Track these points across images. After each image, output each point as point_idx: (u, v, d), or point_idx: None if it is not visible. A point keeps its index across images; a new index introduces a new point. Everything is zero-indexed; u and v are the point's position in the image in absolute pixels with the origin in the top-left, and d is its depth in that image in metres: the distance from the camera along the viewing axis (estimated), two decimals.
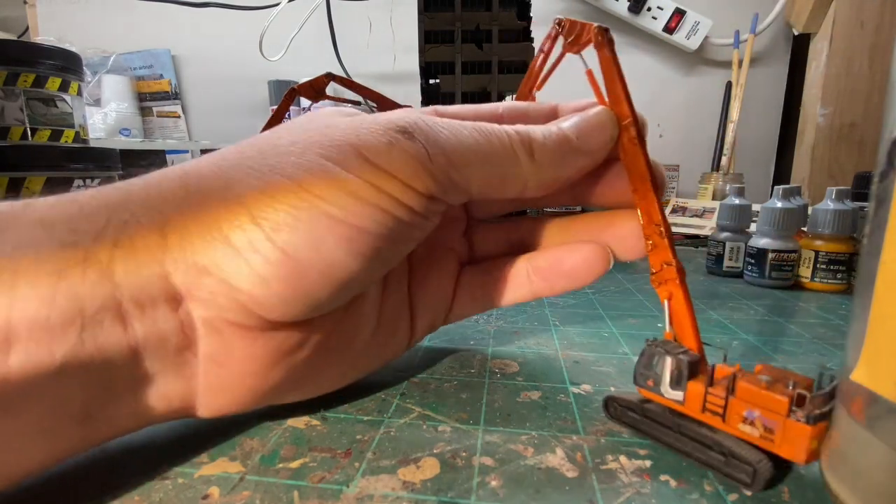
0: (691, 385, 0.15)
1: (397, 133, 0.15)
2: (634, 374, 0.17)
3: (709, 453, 0.15)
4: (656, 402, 0.17)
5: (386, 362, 0.22)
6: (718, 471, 0.15)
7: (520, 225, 0.23)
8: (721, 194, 0.85)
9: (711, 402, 0.15)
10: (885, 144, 0.12)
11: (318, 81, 0.33)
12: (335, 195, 0.14)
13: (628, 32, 0.99)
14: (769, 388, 0.14)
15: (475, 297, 0.22)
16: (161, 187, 0.15)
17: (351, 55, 1.02)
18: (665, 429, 0.16)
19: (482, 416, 0.19)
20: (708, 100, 1.01)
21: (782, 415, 0.14)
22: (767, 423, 0.14)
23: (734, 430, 0.15)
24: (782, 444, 0.14)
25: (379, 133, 0.15)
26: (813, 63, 0.83)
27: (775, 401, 0.14)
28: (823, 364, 0.15)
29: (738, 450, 0.14)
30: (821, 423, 0.13)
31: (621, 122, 0.19)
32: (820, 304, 0.36)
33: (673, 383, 0.16)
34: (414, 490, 0.15)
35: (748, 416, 0.14)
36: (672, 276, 0.17)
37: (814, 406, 0.13)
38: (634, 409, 0.17)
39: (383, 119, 0.16)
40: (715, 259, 0.45)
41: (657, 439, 0.17)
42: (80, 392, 0.13)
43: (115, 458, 0.16)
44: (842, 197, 0.39)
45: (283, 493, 0.15)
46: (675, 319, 0.17)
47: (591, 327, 0.30)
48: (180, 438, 0.17)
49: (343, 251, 0.15)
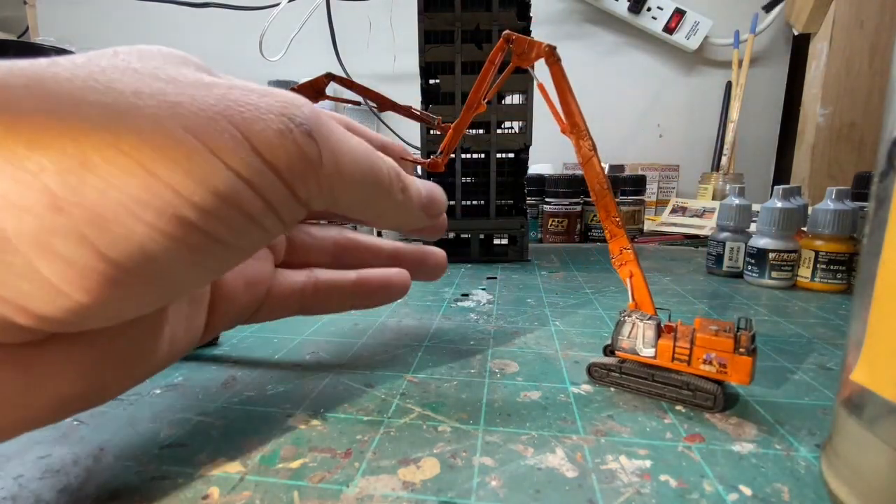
0: (661, 342, 0.20)
1: (293, 125, 0.13)
2: (613, 342, 0.21)
3: (680, 391, 0.20)
4: (633, 360, 0.20)
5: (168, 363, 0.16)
6: (687, 402, 0.19)
7: (345, 238, 0.24)
8: (721, 194, 0.85)
9: (679, 353, 0.19)
10: (885, 144, 0.12)
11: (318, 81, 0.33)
12: (191, 186, 0.11)
13: (628, 32, 0.99)
14: (717, 335, 0.19)
15: (288, 302, 0.21)
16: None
17: (351, 55, 1.02)
18: (642, 380, 0.20)
19: (482, 416, 0.19)
20: (708, 100, 1.01)
21: (730, 352, 0.18)
22: (721, 360, 0.18)
23: (696, 371, 0.19)
24: (733, 374, 0.18)
25: (272, 118, 0.12)
26: (813, 63, 0.83)
27: (725, 343, 0.18)
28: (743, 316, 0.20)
29: (701, 384, 0.19)
30: (753, 354, 0.18)
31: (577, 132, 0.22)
32: (820, 304, 0.36)
33: (646, 343, 0.20)
34: (414, 490, 0.15)
35: (707, 358, 0.19)
36: (630, 258, 0.21)
37: (748, 343, 0.18)
38: (614, 369, 0.21)
39: (273, 100, 0.13)
40: (715, 259, 0.45)
41: (637, 390, 0.21)
42: None
43: (114, 457, 0.16)
44: (842, 197, 0.39)
45: (283, 493, 0.15)
46: (637, 292, 0.21)
47: (591, 327, 0.30)
48: (180, 438, 0.17)
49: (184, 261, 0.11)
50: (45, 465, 0.16)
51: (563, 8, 1.00)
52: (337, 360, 0.25)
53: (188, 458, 0.16)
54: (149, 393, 0.21)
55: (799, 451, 0.17)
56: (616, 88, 1.03)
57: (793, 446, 0.17)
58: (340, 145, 0.14)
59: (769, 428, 0.18)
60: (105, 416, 0.19)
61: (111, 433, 0.18)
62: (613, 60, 1.02)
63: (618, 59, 1.02)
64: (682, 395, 0.20)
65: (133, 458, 0.16)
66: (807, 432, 0.18)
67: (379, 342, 0.27)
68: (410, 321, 0.31)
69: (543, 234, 0.72)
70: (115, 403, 0.20)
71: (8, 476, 0.15)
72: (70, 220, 0.10)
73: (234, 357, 0.25)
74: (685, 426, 0.18)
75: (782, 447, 0.17)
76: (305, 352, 0.26)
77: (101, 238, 0.10)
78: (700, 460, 0.16)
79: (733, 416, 0.19)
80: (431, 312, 0.33)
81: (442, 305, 0.35)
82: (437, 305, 0.35)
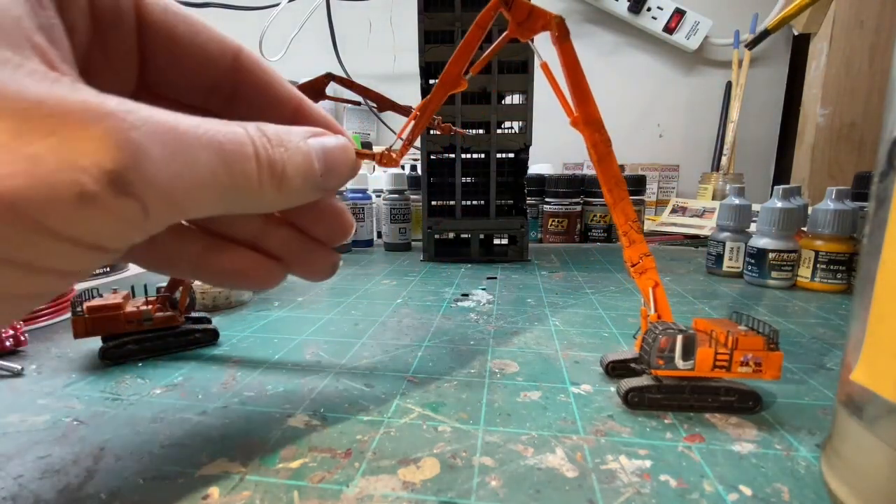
0: (701, 351, 0.19)
1: (102, 184, 0.10)
2: (648, 361, 0.19)
3: (718, 398, 0.19)
4: (671, 375, 0.19)
5: None
6: (728, 409, 0.19)
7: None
8: (721, 194, 0.85)
9: (720, 360, 0.19)
10: (885, 144, 0.12)
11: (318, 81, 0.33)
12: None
13: (628, 32, 0.99)
14: (746, 335, 0.19)
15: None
16: None
17: (351, 55, 1.02)
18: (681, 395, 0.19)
19: (482, 416, 0.19)
20: (708, 100, 1.01)
21: (764, 350, 0.18)
22: (757, 359, 0.18)
23: (735, 374, 0.18)
24: (767, 371, 0.18)
25: (64, 178, 0.09)
26: (813, 63, 0.83)
27: (759, 342, 0.18)
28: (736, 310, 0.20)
29: (738, 387, 0.19)
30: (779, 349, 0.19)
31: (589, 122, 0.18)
32: (820, 304, 0.36)
33: (685, 356, 0.19)
34: (414, 490, 0.15)
35: (744, 360, 0.18)
36: (651, 265, 0.20)
37: (774, 338, 0.19)
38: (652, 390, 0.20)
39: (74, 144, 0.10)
40: (715, 259, 0.45)
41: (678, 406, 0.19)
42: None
43: (114, 458, 0.16)
44: (842, 197, 0.39)
45: (283, 493, 0.15)
46: (659, 303, 0.20)
47: (591, 327, 0.30)
48: (180, 438, 0.17)
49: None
50: (45, 465, 0.16)
51: (563, 8, 1.00)
52: (337, 360, 0.25)
53: (188, 458, 0.16)
54: (149, 393, 0.21)
55: (799, 451, 0.17)
56: (616, 88, 1.03)
57: (793, 446, 0.17)
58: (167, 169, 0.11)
59: (769, 428, 0.18)
60: (105, 416, 0.19)
61: (111, 433, 0.18)
62: (613, 60, 1.02)
63: (618, 59, 1.02)
64: (723, 402, 0.19)
65: (133, 458, 0.16)
66: (807, 432, 0.18)
67: (379, 342, 0.27)
68: (410, 321, 0.31)
69: (543, 234, 0.72)
70: (116, 403, 0.20)
71: (8, 476, 0.15)
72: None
73: (234, 357, 0.25)
74: (685, 426, 0.18)
75: (782, 447, 0.17)
76: (305, 352, 0.26)
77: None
78: (700, 460, 0.16)
79: (733, 416, 0.19)
80: (431, 312, 0.33)
81: (442, 305, 0.35)
82: (437, 305, 0.35)
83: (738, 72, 0.90)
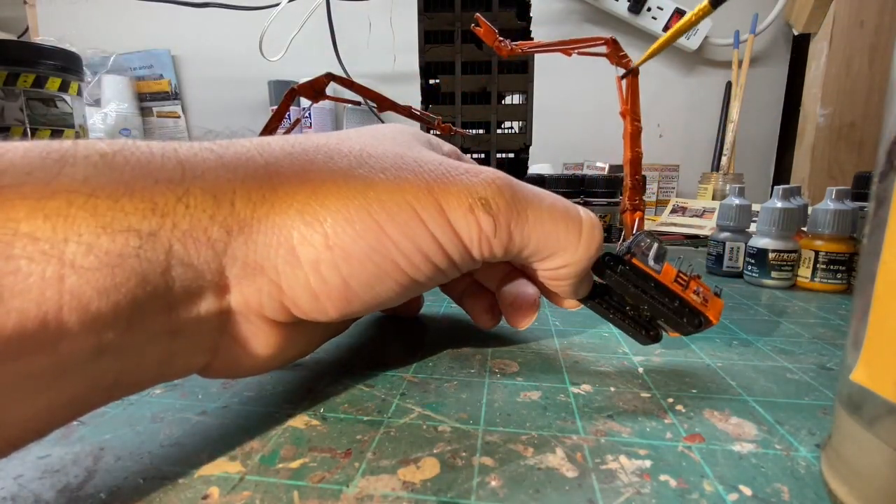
0: (668, 265, 0.22)
1: (478, 200, 0.17)
2: (630, 246, 0.22)
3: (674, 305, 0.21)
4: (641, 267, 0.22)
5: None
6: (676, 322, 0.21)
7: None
8: (721, 194, 0.85)
9: (681, 278, 0.22)
10: (885, 144, 0.12)
11: (318, 81, 0.33)
12: (406, 244, 0.16)
13: (628, 32, 0.99)
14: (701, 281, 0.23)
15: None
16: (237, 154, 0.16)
17: (351, 55, 1.02)
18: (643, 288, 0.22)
19: (482, 416, 0.19)
20: (708, 100, 1.01)
21: (710, 292, 0.22)
22: (705, 296, 0.22)
23: (688, 297, 0.21)
24: (710, 309, 0.21)
25: (463, 196, 0.17)
26: (813, 63, 0.83)
27: (708, 288, 0.23)
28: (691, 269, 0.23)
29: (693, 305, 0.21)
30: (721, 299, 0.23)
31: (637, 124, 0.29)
32: (820, 304, 0.36)
33: (657, 259, 0.22)
34: (414, 490, 0.15)
35: (696, 290, 0.22)
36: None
37: (719, 292, 0.23)
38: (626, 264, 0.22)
39: (469, 178, 0.17)
40: (715, 259, 0.45)
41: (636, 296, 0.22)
42: (115, 368, 0.13)
43: (114, 458, 0.16)
44: (842, 197, 0.39)
45: (283, 493, 0.15)
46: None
47: (591, 327, 0.30)
48: (180, 438, 0.17)
49: (394, 294, 0.17)
50: (45, 465, 0.16)
51: (563, 8, 1.00)
52: (337, 360, 0.25)
53: (188, 458, 0.16)
54: (149, 393, 0.21)
55: (799, 451, 0.17)
56: (616, 88, 1.03)
57: (793, 446, 0.17)
58: (522, 211, 0.18)
59: (769, 428, 0.18)
60: (105, 416, 0.19)
61: (111, 433, 0.18)
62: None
63: None
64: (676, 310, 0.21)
65: (133, 458, 0.16)
66: (807, 432, 0.18)
67: (379, 342, 0.27)
68: (410, 321, 0.31)
69: None
70: (115, 403, 0.20)
71: (8, 476, 0.15)
72: (332, 255, 0.15)
73: None
74: (685, 426, 0.18)
75: (782, 447, 0.17)
76: None
77: (347, 269, 0.15)
78: (700, 460, 0.16)
79: (733, 416, 0.19)
80: (431, 312, 0.33)
81: (442, 305, 0.35)
82: (438, 305, 0.35)
83: (738, 72, 0.90)
